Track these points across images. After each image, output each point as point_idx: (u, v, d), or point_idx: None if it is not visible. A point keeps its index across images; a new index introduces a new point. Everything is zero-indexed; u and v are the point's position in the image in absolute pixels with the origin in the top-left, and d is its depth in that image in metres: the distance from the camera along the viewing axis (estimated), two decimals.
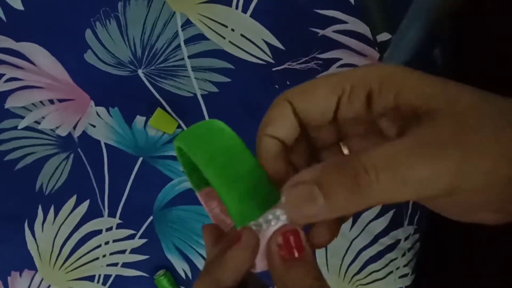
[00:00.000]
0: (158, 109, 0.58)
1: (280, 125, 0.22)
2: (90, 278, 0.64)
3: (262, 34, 0.58)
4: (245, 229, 0.21)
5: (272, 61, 0.59)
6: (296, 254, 0.20)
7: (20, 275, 0.64)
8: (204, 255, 0.62)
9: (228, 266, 0.21)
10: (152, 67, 0.59)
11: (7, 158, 0.62)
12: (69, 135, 0.62)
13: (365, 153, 0.18)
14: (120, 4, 0.58)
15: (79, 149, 0.62)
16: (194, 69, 0.59)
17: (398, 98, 0.19)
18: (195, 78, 0.59)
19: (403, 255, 0.61)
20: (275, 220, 0.21)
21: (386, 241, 0.61)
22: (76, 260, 0.63)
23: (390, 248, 0.61)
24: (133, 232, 0.63)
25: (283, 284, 0.20)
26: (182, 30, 0.58)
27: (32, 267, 0.64)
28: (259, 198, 0.21)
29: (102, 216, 0.62)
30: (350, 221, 0.60)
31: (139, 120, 0.60)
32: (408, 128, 0.19)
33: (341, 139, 0.23)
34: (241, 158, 0.22)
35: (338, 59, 0.58)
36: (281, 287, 0.20)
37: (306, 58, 0.58)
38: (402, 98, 0.19)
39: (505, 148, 0.18)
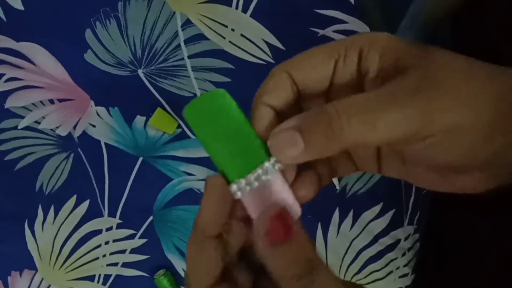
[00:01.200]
0: (158, 109, 0.58)
1: (277, 94, 0.23)
2: (90, 278, 0.64)
3: (262, 34, 0.58)
4: (209, 176, 0.22)
5: (272, 61, 0.59)
6: (285, 237, 0.20)
7: (20, 275, 0.64)
8: None
9: (203, 216, 0.22)
10: (152, 67, 0.59)
11: (7, 158, 0.62)
12: (69, 135, 0.62)
13: (339, 101, 0.20)
14: (120, 4, 0.58)
15: (79, 149, 0.62)
16: (194, 69, 0.59)
17: (382, 59, 0.21)
18: (195, 78, 0.59)
19: (403, 255, 0.61)
20: (264, 176, 0.21)
21: (386, 241, 0.61)
22: (76, 260, 0.63)
23: (390, 248, 0.61)
24: (133, 232, 0.63)
25: (274, 269, 0.20)
26: (182, 30, 0.58)
27: (32, 267, 0.64)
28: (249, 156, 0.22)
29: (102, 216, 0.62)
30: (350, 221, 0.60)
31: (139, 120, 0.60)
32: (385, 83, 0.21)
33: None
34: (232, 118, 0.22)
35: None
36: (273, 272, 0.20)
37: None
38: (386, 58, 0.21)
39: (472, 94, 0.19)
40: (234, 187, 0.22)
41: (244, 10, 0.58)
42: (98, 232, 0.63)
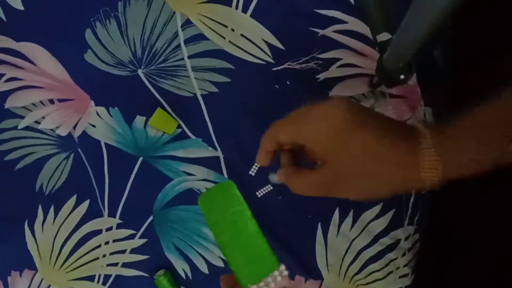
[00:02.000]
0: (158, 109, 0.58)
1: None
2: (90, 278, 0.64)
3: (262, 34, 0.58)
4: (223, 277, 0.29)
5: (272, 61, 0.59)
6: None
7: (20, 275, 0.64)
8: (204, 254, 0.62)
9: None
10: (152, 67, 0.59)
11: (7, 158, 0.62)
12: (69, 135, 0.62)
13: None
14: (120, 4, 0.58)
15: (79, 149, 0.62)
16: (194, 69, 0.59)
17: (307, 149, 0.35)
18: (195, 78, 0.59)
19: (403, 255, 0.61)
20: (273, 283, 0.25)
21: (386, 241, 0.61)
22: (76, 260, 0.63)
23: (390, 248, 0.61)
24: (133, 232, 0.63)
25: None
26: (182, 30, 0.58)
27: (32, 267, 0.64)
28: (260, 264, 0.26)
29: (102, 216, 0.62)
30: (350, 221, 0.60)
31: (139, 120, 0.60)
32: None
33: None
34: (246, 229, 0.26)
35: (338, 59, 0.58)
36: None
37: (306, 58, 0.58)
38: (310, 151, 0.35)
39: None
40: None
41: (244, 10, 0.58)
42: (98, 232, 0.63)
